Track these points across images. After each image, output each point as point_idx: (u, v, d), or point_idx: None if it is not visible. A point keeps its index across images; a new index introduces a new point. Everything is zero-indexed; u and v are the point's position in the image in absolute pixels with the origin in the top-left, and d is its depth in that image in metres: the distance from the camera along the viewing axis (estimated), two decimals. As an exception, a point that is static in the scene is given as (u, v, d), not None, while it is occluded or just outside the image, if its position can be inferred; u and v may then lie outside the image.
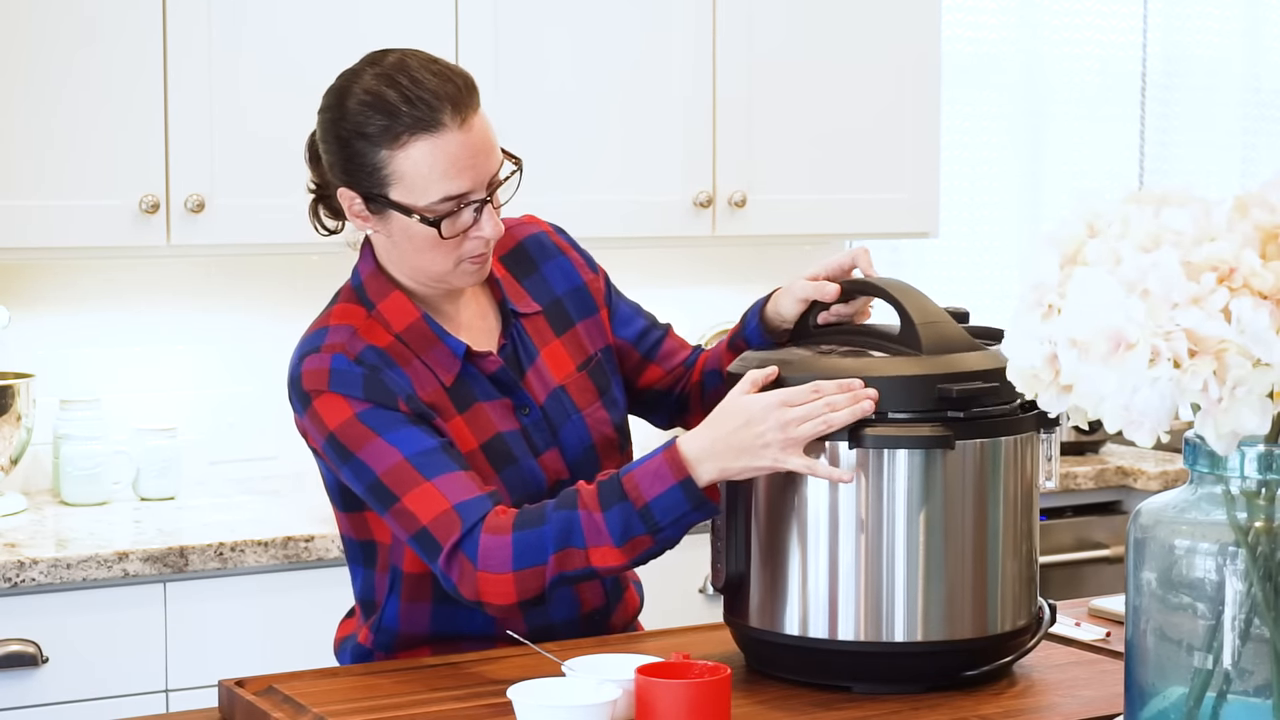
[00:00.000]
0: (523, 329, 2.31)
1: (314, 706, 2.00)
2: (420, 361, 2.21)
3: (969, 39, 4.44)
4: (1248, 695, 1.56)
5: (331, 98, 2.18)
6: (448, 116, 2.11)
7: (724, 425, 2.03)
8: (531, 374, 2.29)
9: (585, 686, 1.89)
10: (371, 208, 2.17)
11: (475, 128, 2.14)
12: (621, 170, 3.66)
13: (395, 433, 2.13)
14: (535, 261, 2.36)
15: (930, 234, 4.01)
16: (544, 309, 2.34)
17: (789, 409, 2.00)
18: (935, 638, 2.04)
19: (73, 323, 3.56)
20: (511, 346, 2.29)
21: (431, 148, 2.11)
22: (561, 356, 2.32)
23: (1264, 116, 4.92)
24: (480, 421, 2.23)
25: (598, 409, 2.32)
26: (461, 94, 2.14)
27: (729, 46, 3.73)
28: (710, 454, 2.03)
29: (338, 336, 2.20)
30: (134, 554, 2.98)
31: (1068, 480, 3.84)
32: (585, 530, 2.05)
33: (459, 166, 2.12)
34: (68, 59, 3.18)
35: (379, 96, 2.12)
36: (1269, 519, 1.55)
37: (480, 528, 2.08)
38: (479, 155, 2.14)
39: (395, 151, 2.12)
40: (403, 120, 2.11)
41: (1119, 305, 1.45)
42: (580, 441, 2.30)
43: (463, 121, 2.12)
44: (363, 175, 2.15)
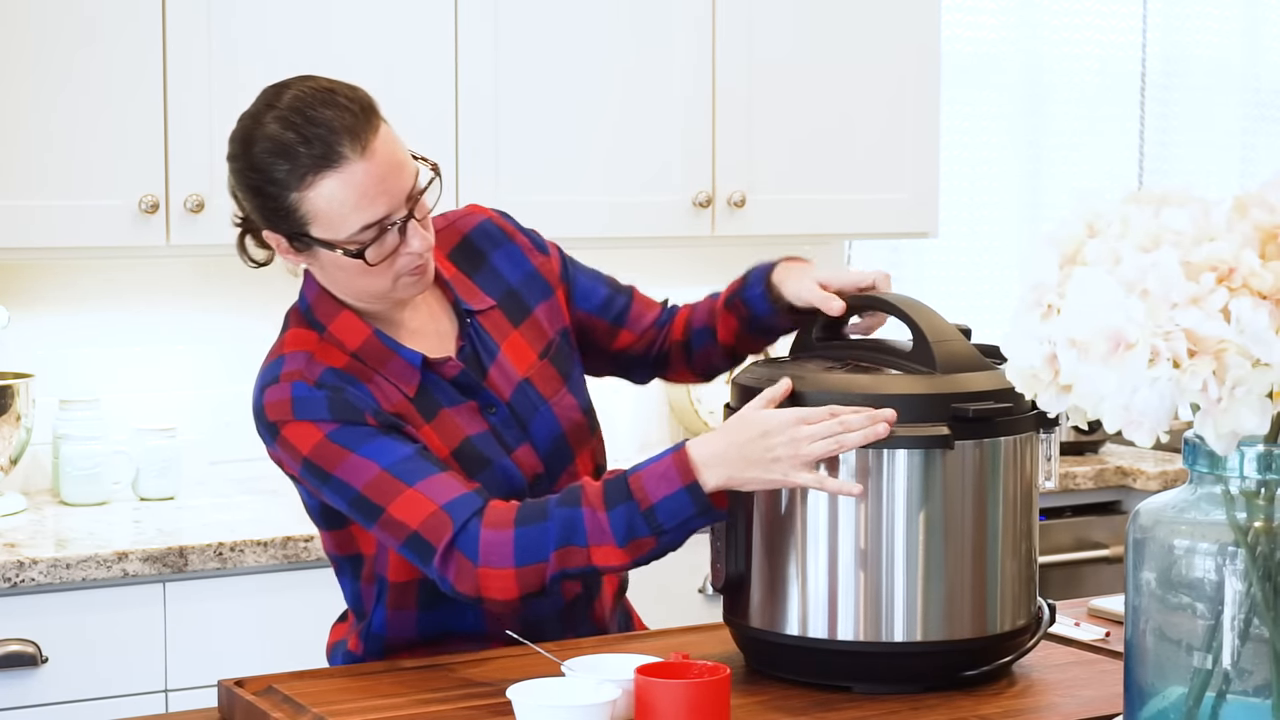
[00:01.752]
0: (480, 326, 2.30)
1: (314, 706, 2.00)
2: (380, 376, 2.20)
3: (969, 39, 4.44)
4: (1247, 695, 1.56)
5: (236, 146, 2.16)
6: (347, 148, 2.09)
7: (738, 434, 2.02)
8: (494, 371, 2.28)
9: (585, 686, 1.89)
10: (297, 245, 2.16)
11: (378, 152, 2.11)
12: (621, 170, 3.66)
13: (368, 446, 2.13)
14: (484, 253, 2.35)
15: (930, 234, 4.01)
16: (498, 301, 2.32)
17: (804, 426, 2.00)
18: (935, 638, 2.04)
19: (73, 323, 3.56)
20: (470, 346, 2.28)
21: (338, 183, 2.09)
22: (522, 347, 2.31)
23: (1264, 116, 4.92)
24: (448, 428, 2.22)
25: (564, 395, 2.31)
26: (358, 121, 2.10)
27: (729, 46, 3.73)
28: (720, 460, 2.03)
29: (294, 364, 2.20)
30: (134, 554, 2.98)
31: (1067, 480, 3.84)
32: (588, 528, 2.05)
33: (370, 195, 2.10)
34: (68, 59, 3.18)
35: (278, 141, 2.10)
36: (1268, 519, 1.55)
37: (478, 523, 2.07)
38: (388, 178, 2.11)
39: (305, 193, 2.10)
40: (303, 161, 2.09)
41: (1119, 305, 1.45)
42: (550, 432, 2.28)
43: (364, 149, 2.09)
44: (280, 219, 2.14)
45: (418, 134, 3.43)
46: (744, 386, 2.15)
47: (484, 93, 3.50)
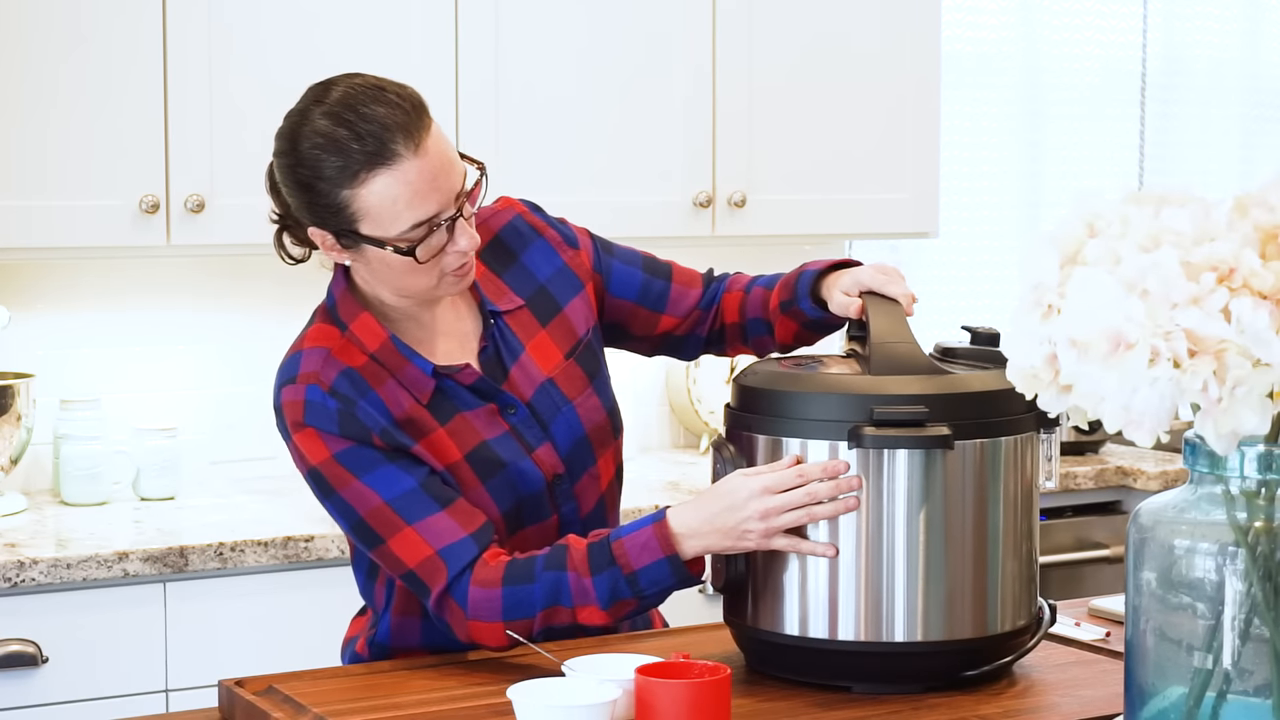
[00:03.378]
0: (505, 326, 2.29)
1: (314, 706, 2.00)
2: (394, 380, 2.20)
3: (969, 39, 4.44)
4: (1248, 695, 1.56)
5: (284, 142, 2.16)
6: (401, 145, 2.08)
7: (710, 507, 2.08)
8: (516, 371, 2.28)
9: (585, 686, 1.89)
10: (344, 243, 2.16)
11: (431, 150, 2.10)
12: (621, 170, 3.66)
13: (373, 474, 2.16)
14: (514, 252, 2.34)
15: (930, 234, 4.01)
16: (527, 301, 2.32)
17: (771, 498, 2.04)
18: (935, 638, 2.04)
19: (73, 323, 3.56)
20: (493, 347, 2.28)
21: (391, 180, 2.08)
22: (548, 347, 2.31)
23: (1264, 116, 4.92)
24: (464, 432, 2.22)
25: (589, 396, 2.32)
26: (411, 119, 2.10)
27: (729, 47, 3.73)
28: (697, 533, 2.09)
29: (311, 363, 2.22)
30: (134, 554, 2.98)
31: (1068, 480, 3.84)
32: (573, 591, 2.11)
33: (422, 193, 2.10)
34: (68, 59, 3.18)
35: (330, 137, 2.09)
36: (1269, 519, 1.55)
37: (468, 577, 2.13)
38: (439, 176, 2.11)
39: (356, 190, 2.09)
40: (356, 158, 2.08)
41: (1119, 305, 1.45)
42: (572, 433, 2.29)
43: (417, 147, 2.09)
44: (329, 215, 2.13)
45: (418, 134, 3.45)
46: (744, 386, 2.15)
47: (484, 92, 3.50)
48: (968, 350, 2.21)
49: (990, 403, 2.07)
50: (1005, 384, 1.60)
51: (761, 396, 2.12)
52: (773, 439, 2.09)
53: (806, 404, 2.06)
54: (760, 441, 2.10)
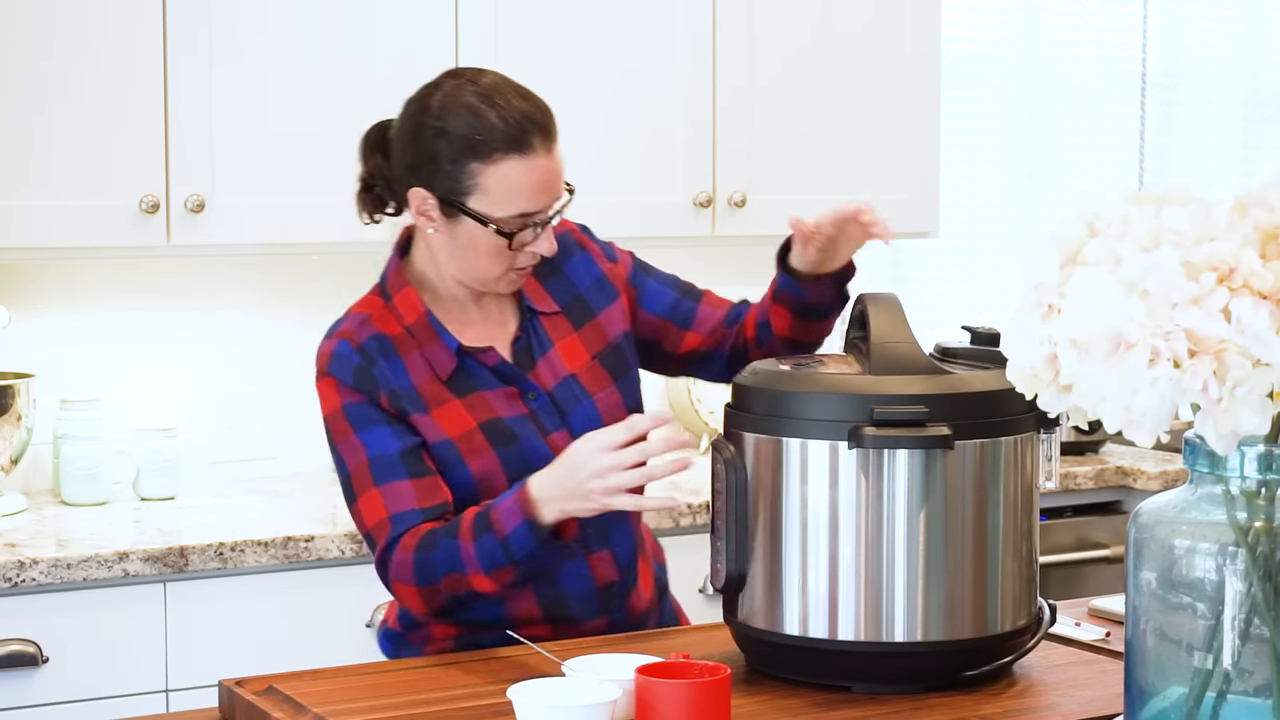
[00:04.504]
0: (540, 325, 2.44)
1: (314, 706, 2.00)
2: (421, 353, 2.35)
3: (969, 39, 4.43)
4: (1248, 695, 1.56)
5: (421, 104, 2.32)
6: (537, 141, 2.28)
7: (559, 471, 2.20)
8: (542, 364, 2.41)
9: (585, 686, 1.89)
10: (444, 210, 2.30)
11: (555, 155, 2.31)
12: (621, 171, 3.66)
13: (368, 431, 2.32)
14: (558, 264, 2.47)
15: (930, 234, 4.01)
16: (564, 308, 2.46)
17: (606, 456, 2.15)
18: (935, 638, 2.04)
19: (73, 323, 3.56)
20: (526, 340, 2.42)
21: (521, 168, 2.27)
22: (577, 348, 2.45)
23: (1264, 116, 4.91)
24: (480, 406, 2.36)
25: (611, 392, 2.44)
26: (547, 123, 2.30)
27: (729, 46, 3.73)
28: (550, 497, 2.19)
29: (351, 323, 2.38)
30: (134, 554, 2.98)
31: (1068, 480, 3.84)
32: (464, 559, 2.23)
33: (539, 189, 2.29)
34: (68, 59, 3.18)
35: (476, 112, 2.26)
36: (1269, 519, 1.55)
37: (397, 543, 2.28)
38: (554, 181, 2.31)
39: (486, 165, 2.26)
40: (497, 137, 2.25)
41: (1119, 305, 1.45)
42: (590, 422, 2.37)
43: (548, 149, 2.30)
44: (443, 179, 2.28)
45: (418, 134, 3.44)
46: (744, 386, 2.15)
47: (484, 93, 3.50)
48: (968, 350, 2.21)
49: (990, 403, 2.07)
50: (1005, 384, 1.60)
51: (761, 396, 2.12)
52: (773, 439, 2.09)
53: (806, 404, 2.07)
54: (760, 441, 2.10)
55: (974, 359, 2.18)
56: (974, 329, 2.25)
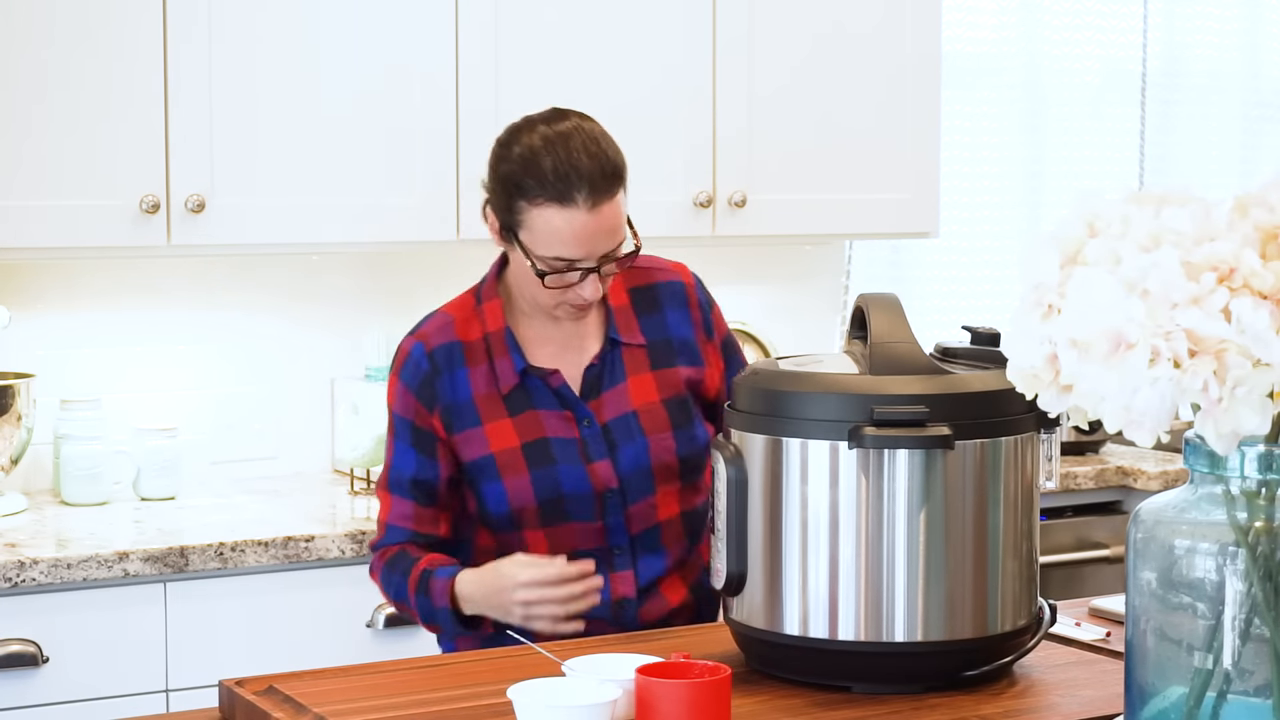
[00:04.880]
0: (620, 355, 2.56)
1: (314, 706, 2.00)
2: (489, 365, 2.51)
3: (969, 39, 4.43)
4: (1248, 695, 1.56)
5: (506, 135, 2.48)
6: (581, 197, 2.39)
7: (486, 584, 2.42)
8: (609, 394, 2.54)
9: (585, 686, 1.89)
10: (503, 234, 2.47)
11: (604, 213, 2.41)
12: (621, 170, 3.65)
13: (400, 445, 2.54)
14: (661, 306, 2.59)
15: (930, 234, 4.01)
16: (649, 344, 2.57)
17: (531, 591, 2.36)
18: (935, 638, 2.04)
19: (73, 323, 3.56)
20: (600, 367, 2.54)
21: (559, 217, 2.39)
22: (648, 387, 2.55)
23: (1264, 116, 4.91)
24: (531, 424, 2.51)
25: (666, 438, 2.53)
26: (601, 181, 2.40)
27: (729, 46, 3.73)
28: (473, 600, 2.43)
29: (435, 323, 2.55)
30: (134, 554, 2.98)
31: (1068, 480, 3.84)
32: (409, 601, 2.50)
33: (574, 241, 2.40)
34: (68, 59, 3.18)
35: (534, 157, 2.41)
36: (1269, 519, 1.55)
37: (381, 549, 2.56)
38: (597, 236, 2.41)
39: (530, 206, 2.41)
40: (544, 185, 2.39)
41: (1119, 305, 1.45)
42: (637, 461, 2.52)
43: (593, 205, 2.40)
44: (504, 209, 2.45)
45: (418, 134, 3.45)
46: (744, 386, 2.15)
47: (484, 92, 3.50)
48: (968, 350, 2.21)
49: (990, 403, 2.07)
50: (1005, 384, 1.60)
51: (761, 396, 2.12)
52: (773, 439, 2.09)
53: (806, 404, 2.07)
54: (760, 441, 2.10)
55: (974, 359, 2.18)
56: (974, 329, 2.25)
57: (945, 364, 2.14)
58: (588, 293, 2.44)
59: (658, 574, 2.54)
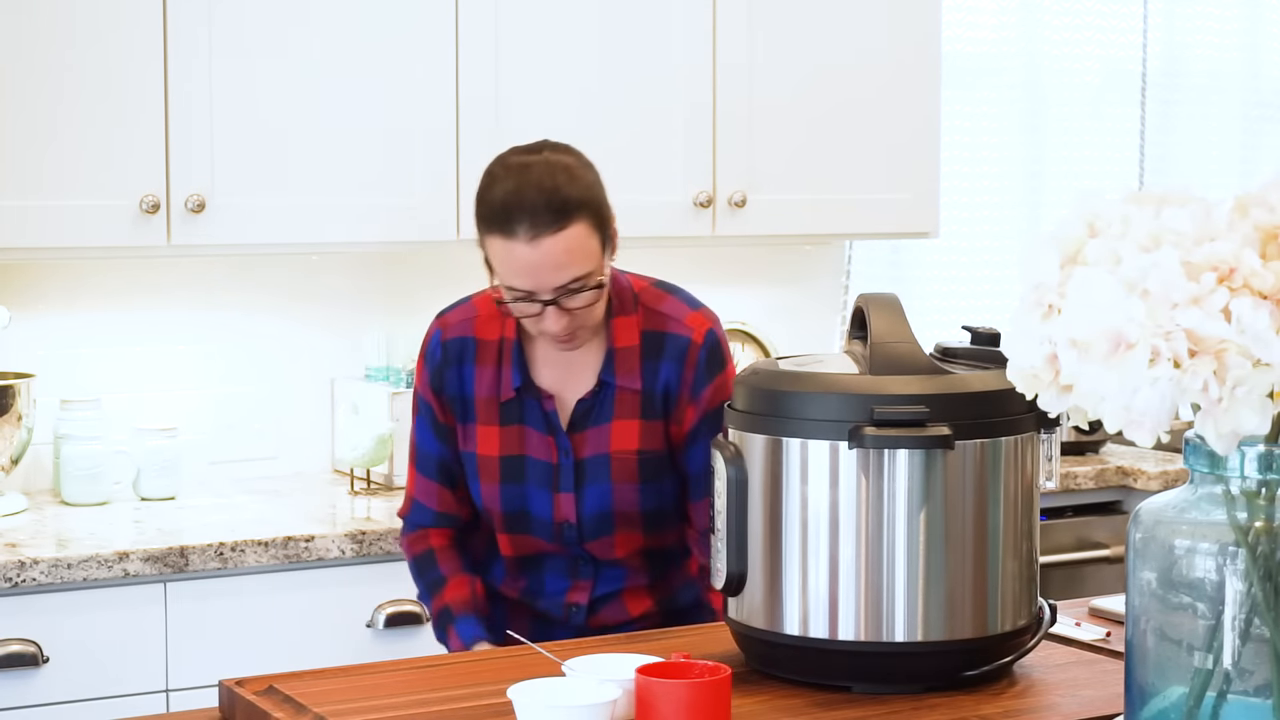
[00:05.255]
0: (611, 396, 2.55)
1: (314, 706, 2.00)
2: (496, 370, 2.55)
3: (969, 39, 4.43)
4: (1248, 695, 1.56)
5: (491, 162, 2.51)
6: (522, 229, 2.38)
7: None
8: (592, 431, 2.55)
9: (585, 686, 1.89)
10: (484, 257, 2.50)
11: (545, 247, 2.38)
12: (622, 170, 3.64)
13: (423, 425, 2.62)
14: (662, 356, 2.55)
15: (930, 234, 4.01)
16: (644, 391, 2.55)
17: None
18: (935, 638, 2.04)
19: (73, 323, 3.56)
20: (591, 402, 2.55)
21: (503, 248, 2.41)
22: (630, 434, 2.55)
23: (1264, 116, 4.91)
24: (517, 438, 2.56)
25: (630, 490, 2.55)
26: (546, 215, 2.38)
27: (729, 46, 3.73)
28: None
29: (458, 314, 2.61)
30: (134, 554, 2.98)
31: (1068, 480, 3.84)
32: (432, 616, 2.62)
33: (516, 273, 2.41)
34: (68, 59, 3.18)
35: (490, 187, 2.44)
36: (1269, 519, 1.55)
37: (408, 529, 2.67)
38: (540, 270, 2.39)
39: (485, 235, 2.44)
40: (492, 216, 2.41)
41: (1119, 305, 1.45)
42: (599, 505, 2.55)
43: (533, 238, 2.38)
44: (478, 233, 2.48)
45: (418, 134, 3.45)
46: (744, 386, 2.15)
47: (484, 93, 3.50)
48: (968, 350, 2.21)
49: (990, 403, 2.07)
50: (1005, 384, 1.60)
51: (761, 396, 2.12)
52: (773, 439, 2.09)
53: (806, 404, 2.06)
54: (760, 441, 2.10)
55: (974, 359, 2.18)
56: (974, 329, 2.25)
57: (945, 364, 2.14)
58: (549, 326, 2.44)
59: (616, 589, 2.60)
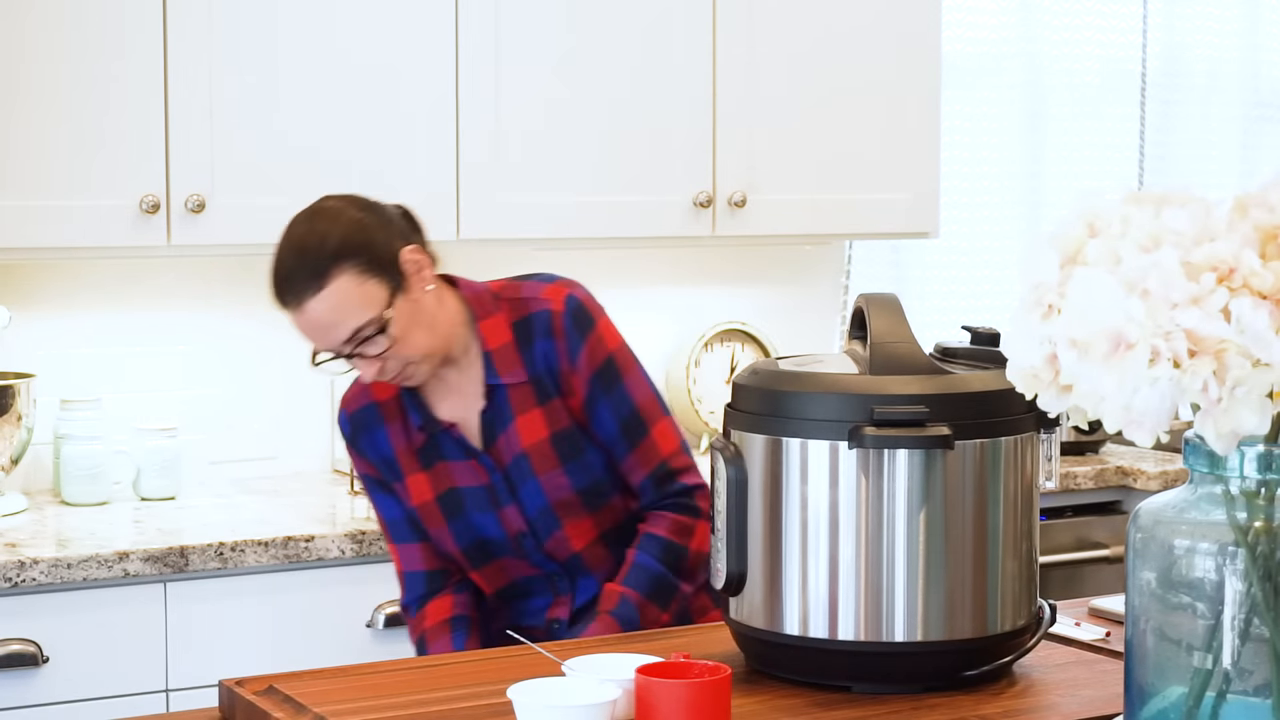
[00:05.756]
0: (505, 396, 2.55)
1: (314, 706, 2.00)
2: (402, 421, 2.58)
3: (969, 39, 4.43)
4: (1247, 695, 1.56)
5: None
6: (289, 299, 2.42)
7: None
8: (503, 438, 2.55)
9: (585, 686, 1.89)
10: None
11: (311, 309, 2.41)
12: (622, 171, 3.66)
13: (374, 493, 2.64)
14: (533, 338, 2.55)
15: (930, 234, 4.01)
16: (531, 378, 2.55)
17: None
18: (935, 638, 2.04)
19: (73, 323, 3.56)
20: (492, 412, 2.56)
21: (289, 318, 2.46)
22: (536, 424, 2.55)
23: (1264, 116, 4.91)
24: (442, 477, 2.57)
25: (557, 475, 2.55)
26: (302, 279, 2.40)
27: (729, 46, 3.73)
28: None
29: (353, 388, 2.63)
30: (134, 554, 2.98)
31: (1068, 480, 3.84)
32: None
33: (305, 333, 2.45)
34: (68, 59, 3.18)
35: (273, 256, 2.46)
36: (1268, 519, 1.55)
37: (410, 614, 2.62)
38: (317, 332, 2.43)
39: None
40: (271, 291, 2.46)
41: (1119, 305, 1.45)
42: (537, 502, 2.55)
43: (298, 305, 2.41)
44: None
45: (418, 134, 3.45)
46: (744, 386, 2.16)
47: (484, 93, 3.50)
48: (968, 350, 2.21)
49: (990, 403, 2.07)
50: (1005, 384, 1.60)
51: (761, 396, 2.12)
52: (773, 439, 2.09)
53: (806, 404, 2.06)
54: (760, 441, 2.10)
55: (974, 359, 2.18)
56: (974, 329, 2.25)
57: (945, 364, 2.14)
58: (364, 378, 2.48)
59: (594, 595, 2.58)
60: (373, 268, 2.41)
